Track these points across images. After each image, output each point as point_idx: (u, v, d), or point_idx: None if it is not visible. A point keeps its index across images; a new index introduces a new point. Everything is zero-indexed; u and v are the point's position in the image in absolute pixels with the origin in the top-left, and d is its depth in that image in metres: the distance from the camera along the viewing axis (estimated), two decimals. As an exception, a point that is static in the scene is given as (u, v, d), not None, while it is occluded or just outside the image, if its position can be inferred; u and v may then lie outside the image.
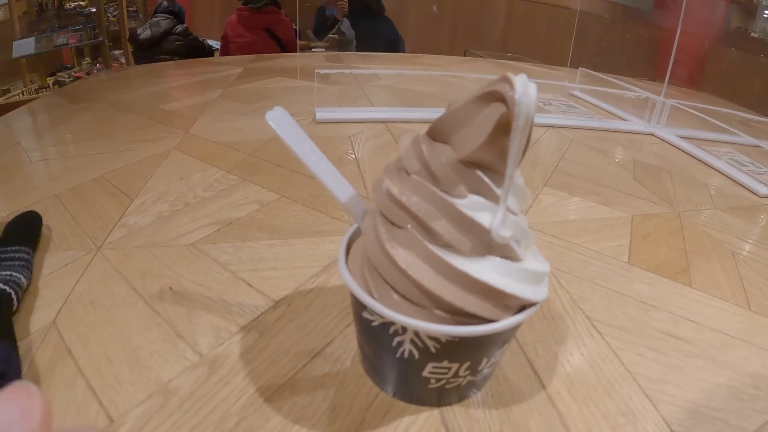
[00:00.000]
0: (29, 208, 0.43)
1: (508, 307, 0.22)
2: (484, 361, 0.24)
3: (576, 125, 0.82)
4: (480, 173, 0.21)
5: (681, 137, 0.80)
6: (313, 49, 2.07)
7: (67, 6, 2.42)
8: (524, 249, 0.23)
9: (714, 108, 0.93)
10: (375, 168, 0.58)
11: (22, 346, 0.29)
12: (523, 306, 0.22)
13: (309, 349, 0.30)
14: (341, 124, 0.73)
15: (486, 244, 0.21)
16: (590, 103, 0.98)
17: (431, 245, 0.21)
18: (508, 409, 0.27)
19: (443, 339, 0.22)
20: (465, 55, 1.87)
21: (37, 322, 0.32)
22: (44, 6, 2.32)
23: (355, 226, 0.27)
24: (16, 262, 0.35)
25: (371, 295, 0.22)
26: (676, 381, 0.30)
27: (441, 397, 0.26)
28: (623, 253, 0.44)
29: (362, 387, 0.28)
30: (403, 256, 0.21)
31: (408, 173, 0.22)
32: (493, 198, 0.21)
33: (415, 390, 0.26)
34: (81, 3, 2.47)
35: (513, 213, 0.22)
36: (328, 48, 2.00)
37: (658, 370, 0.30)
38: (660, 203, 0.55)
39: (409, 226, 0.22)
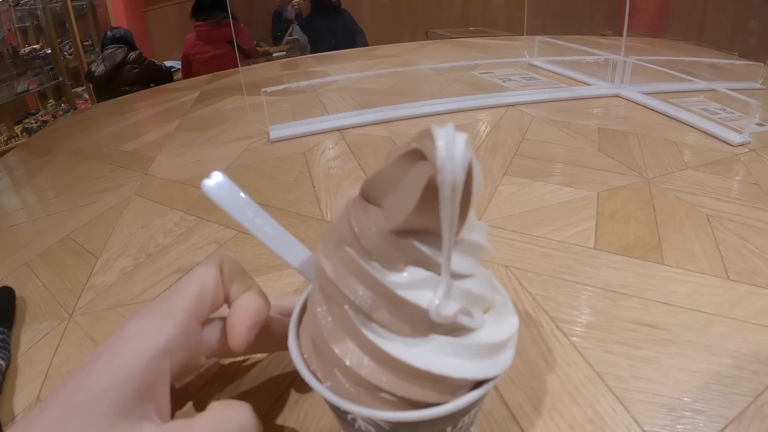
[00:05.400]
0: (2, 282, 0.43)
1: (459, 388, 0.20)
2: (449, 429, 0.22)
3: (537, 99, 0.80)
4: (416, 243, 0.19)
5: (646, 94, 0.78)
6: (274, 54, 2.04)
7: (22, 52, 2.38)
8: (480, 313, 0.21)
9: (678, 58, 0.91)
10: (329, 185, 0.55)
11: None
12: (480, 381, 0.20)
13: (271, 395, 0.29)
14: (297, 139, 0.71)
15: (428, 322, 0.19)
16: (552, 72, 0.96)
17: (367, 330, 0.19)
18: (470, 437, 0.26)
19: (393, 420, 0.20)
20: (427, 36, 1.84)
21: (22, 401, 0.31)
22: (-1, 56, 2.29)
23: (311, 287, 0.24)
24: None
25: (316, 373, 0.21)
26: (649, 375, 0.29)
27: None
28: (589, 238, 0.42)
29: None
30: (339, 342, 0.19)
31: (342, 244, 0.20)
32: (436, 268, 0.19)
33: None
34: (35, 47, 2.43)
35: (463, 277, 0.20)
36: (288, 51, 1.96)
37: (628, 367, 0.29)
38: (627, 173, 0.54)
39: (346, 306, 0.19)
